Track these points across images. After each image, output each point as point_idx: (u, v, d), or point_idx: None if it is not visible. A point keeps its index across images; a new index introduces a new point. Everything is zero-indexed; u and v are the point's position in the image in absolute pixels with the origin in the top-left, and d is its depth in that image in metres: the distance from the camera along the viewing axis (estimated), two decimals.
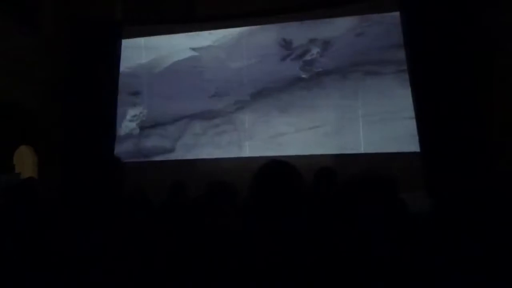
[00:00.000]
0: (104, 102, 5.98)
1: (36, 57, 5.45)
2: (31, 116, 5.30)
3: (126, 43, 6.31)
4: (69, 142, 5.74)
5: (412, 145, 5.07)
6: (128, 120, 6.39)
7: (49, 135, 5.56)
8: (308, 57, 5.88)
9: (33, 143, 5.50)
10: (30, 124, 5.31)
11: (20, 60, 5.12)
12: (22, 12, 5.34)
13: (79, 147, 5.61)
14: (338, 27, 5.80)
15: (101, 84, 5.93)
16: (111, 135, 6.04)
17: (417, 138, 5.00)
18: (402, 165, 4.69)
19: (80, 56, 6.00)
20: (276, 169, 1.22)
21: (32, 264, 1.48)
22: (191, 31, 6.28)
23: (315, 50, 5.86)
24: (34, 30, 5.52)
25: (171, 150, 6.19)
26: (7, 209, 1.79)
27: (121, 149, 6.32)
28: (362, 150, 5.44)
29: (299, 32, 5.97)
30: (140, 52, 6.43)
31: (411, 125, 5.08)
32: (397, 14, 5.27)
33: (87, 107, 5.82)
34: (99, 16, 6.17)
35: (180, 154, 6.15)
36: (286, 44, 5.97)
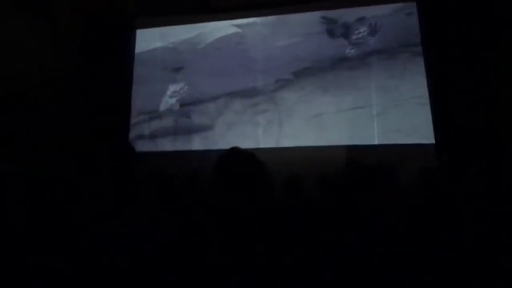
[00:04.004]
0: (118, 92, 6.06)
1: (51, 48, 5.50)
2: (47, 107, 5.34)
3: None
4: (84, 132, 5.79)
5: None
6: (169, 96, 6.40)
7: (64, 125, 5.59)
8: (354, 36, 5.71)
9: (49, 133, 5.35)
10: (46, 114, 5.33)
11: (35, 51, 5.18)
12: (36, 3, 5.35)
13: (94, 136, 5.68)
14: (388, 6, 5.61)
15: (115, 74, 6.02)
16: (126, 124, 6.13)
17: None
18: None
19: (94, 47, 6.07)
20: (235, 158, 1.23)
21: (46, 252, 1.48)
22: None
23: (362, 29, 5.69)
24: (48, 21, 5.55)
25: (211, 127, 6.16)
26: (23, 197, 1.77)
27: (161, 124, 6.36)
28: (406, 130, 5.23)
29: (346, 10, 5.80)
30: (184, 27, 6.43)
31: None
32: None
33: (102, 97, 5.93)
34: (113, 7, 6.23)
35: (219, 131, 6.11)
36: (332, 23, 5.82)
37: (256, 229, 1.09)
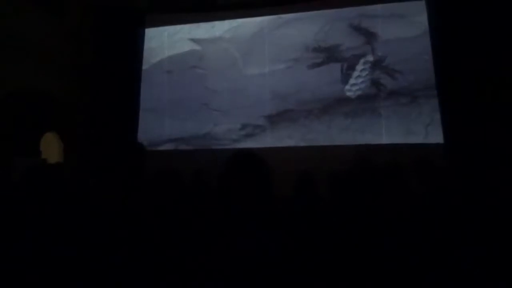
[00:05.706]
0: (127, 90, 5.85)
1: (61, 45, 5.50)
2: (57, 103, 5.48)
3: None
4: (94, 129, 5.72)
5: None
6: None
7: (74, 122, 5.70)
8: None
9: (59, 129, 5.75)
10: (56, 111, 5.49)
11: (46, 48, 5.20)
12: (47, 0, 5.36)
13: (104, 133, 5.52)
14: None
15: (124, 71, 5.84)
16: (135, 121, 5.80)
17: None
18: None
19: (104, 44, 6.00)
20: (244, 160, 1.19)
21: (55, 244, 1.39)
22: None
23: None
24: (59, 18, 5.59)
25: None
26: (32, 189, 1.63)
27: None
28: None
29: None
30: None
31: None
32: None
33: (111, 95, 5.78)
34: (123, 4, 6.12)
35: None
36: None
37: (266, 226, 1.07)
